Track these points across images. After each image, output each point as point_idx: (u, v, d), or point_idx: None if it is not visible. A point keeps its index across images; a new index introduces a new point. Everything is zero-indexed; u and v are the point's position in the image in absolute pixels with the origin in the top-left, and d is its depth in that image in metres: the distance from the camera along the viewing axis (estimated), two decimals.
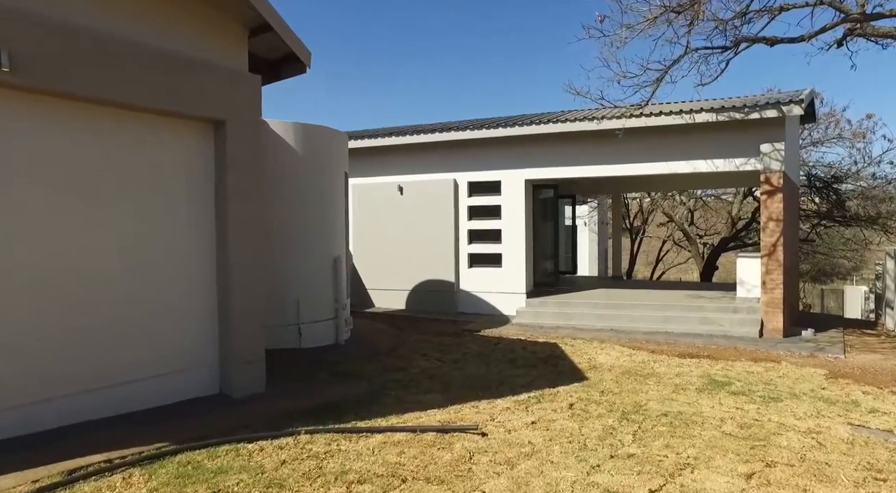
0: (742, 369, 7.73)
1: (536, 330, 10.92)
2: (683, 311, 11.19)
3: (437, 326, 11.45)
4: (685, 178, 14.92)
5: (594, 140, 11.69)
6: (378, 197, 13.58)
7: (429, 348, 9.09)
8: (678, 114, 10.73)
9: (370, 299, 13.71)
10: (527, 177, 12.37)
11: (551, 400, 6.04)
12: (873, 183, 14.66)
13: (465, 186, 12.90)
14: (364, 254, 13.79)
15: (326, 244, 8.96)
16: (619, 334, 10.47)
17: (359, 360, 8.01)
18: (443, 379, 6.98)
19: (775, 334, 10.44)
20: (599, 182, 16.13)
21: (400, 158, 13.42)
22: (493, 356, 8.44)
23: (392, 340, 9.73)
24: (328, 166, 9.03)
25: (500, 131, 12.03)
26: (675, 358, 8.47)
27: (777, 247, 10.50)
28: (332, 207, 9.12)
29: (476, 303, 12.78)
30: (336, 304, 9.06)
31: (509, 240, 12.54)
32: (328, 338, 8.96)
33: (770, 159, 10.52)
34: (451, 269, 12.87)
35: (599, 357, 8.42)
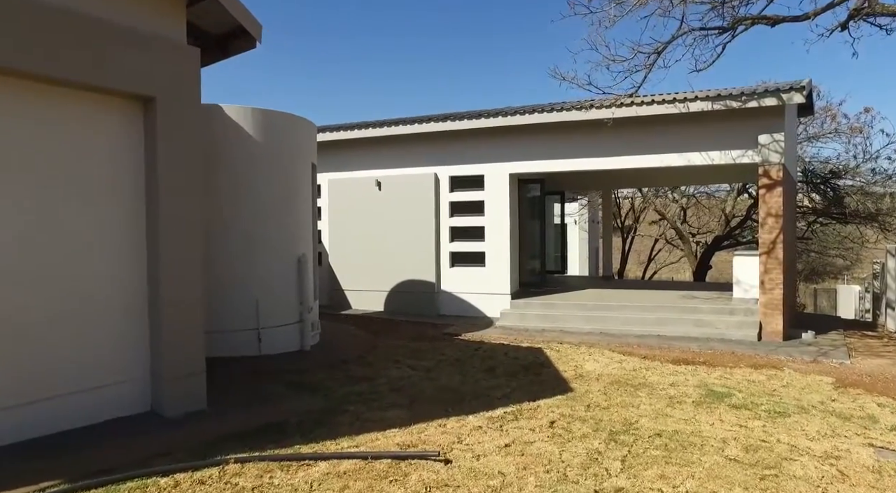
0: (742, 378, 7.05)
1: (521, 333, 10.21)
2: (677, 313, 10.52)
3: (415, 329, 10.72)
4: (679, 172, 14.27)
5: (582, 131, 11.00)
6: (355, 192, 12.83)
7: (402, 354, 8.36)
8: (671, 102, 10.05)
9: (347, 300, 12.96)
10: (511, 171, 11.65)
11: (530, 417, 5.32)
12: (872, 178, 14.09)
13: (447, 180, 12.17)
14: (340, 253, 13.03)
15: (290, 241, 8.20)
16: (609, 338, 9.78)
17: (323, 368, 7.26)
18: (411, 391, 6.25)
19: (774, 337, 9.79)
20: (588, 177, 15.47)
21: (378, 152, 12.67)
22: (471, 364, 7.72)
23: (363, 345, 8.98)
24: (292, 157, 8.27)
25: (483, 122, 11.31)
26: (668, 365, 7.79)
27: (776, 244, 9.85)
28: (297, 201, 8.36)
29: (458, 305, 12.06)
30: (301, 306, 8.30)
31: (493, 238, 11.83)
32: (292, 344, 8.20)
33: (769, 151, 9.87)
34: (432, 269, 12.14)
35: (587, 364, 7.72)
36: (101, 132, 4.85)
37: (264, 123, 7.81)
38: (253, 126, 7.69)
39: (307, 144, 8.76)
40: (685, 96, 10.01)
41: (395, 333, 10.29)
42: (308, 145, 8.76)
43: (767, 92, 9.54)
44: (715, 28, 8.26)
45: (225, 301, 7.57)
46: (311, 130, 9.00)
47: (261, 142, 7.76)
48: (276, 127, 7.98)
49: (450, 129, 11.60)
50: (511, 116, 11.12)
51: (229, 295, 7.60)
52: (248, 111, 7.64)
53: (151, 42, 4.94)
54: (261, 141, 7.76)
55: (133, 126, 5.03)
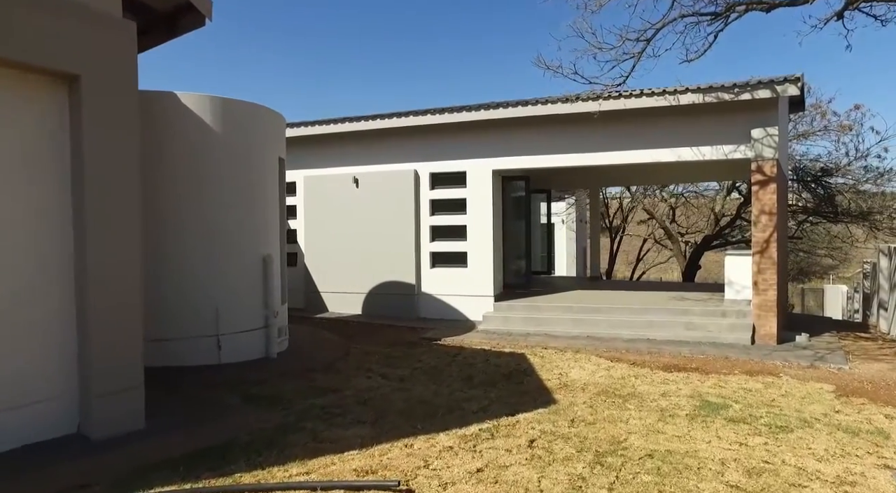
0: (738, 386, 6.57)
1: (503, 338, 9.69)
2: (667, 315, 10.06)
3: (392, 333, 10.15)
4: (669, 168, 13.83)
5: (568, 125, 10.51)
6: (332, 190, 12.23)
7: (375, 361, 7.79)
8: (661, 95, 9.59)
9: (323, 303, 12.36)
10: (495, 167, 11.13)
11: (508, 434, 4.79)
12: (864, 176, 13.76)
13: (427, 177, 11.62)
14: (316, 253, 12.43)
15: (254, 241, 7.61)
16: (597, 342, 9.29)
17: (287, 378, 6.68)
18: (379, 405, 5.69)
19: (768, 340, 9.35)
20: (575, 174, 15.00)
21: (355, 147, 12.09)
22: (448, 372, 7.17)
23: (335, 352, 8.40)
24: (256, 149, 7.67)
25: (465, 116, 10.77)
26: (659, 372, 7.30)
27: (770, 243, 9.42)
28: (262, 198, 7.76)
29: (439, 307, 11.51)
30: (266, 311, 7.71)
31: (476, 237, 11.30)
32: (256, 351, 7.60)
33: (762, 146, 9.44)
34: (412, 269, 11.58)
35: (572, 372, 7.20)
36: (16, 114, 4.24)
37: (225, 113, 7.21)
38: (212, 116, 7.09)
39: (274, 137, 8.17)
40: (675, 89, 9.54)
41: (371, 337, 9.72)
42: (275, 138, 8.17)
43: (761, 84, 9.10)
44: (707, 14, 7.79)
45: (181, 305, 6.96)
46: (279, 122, 8.41)
47: (220, 133, 7.16)
48: (238, 117, 7.39)
49: (430, 123, 11.05)
50: (494, 109, 10.60)
51: (185, 298, 6.99)
52: (205, 100, 7.03)
53: (74, 11, 4.33)
54: (220, 132, 7.16)
55: (56, 108, 4.42)
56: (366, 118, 11.52)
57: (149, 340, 6.64)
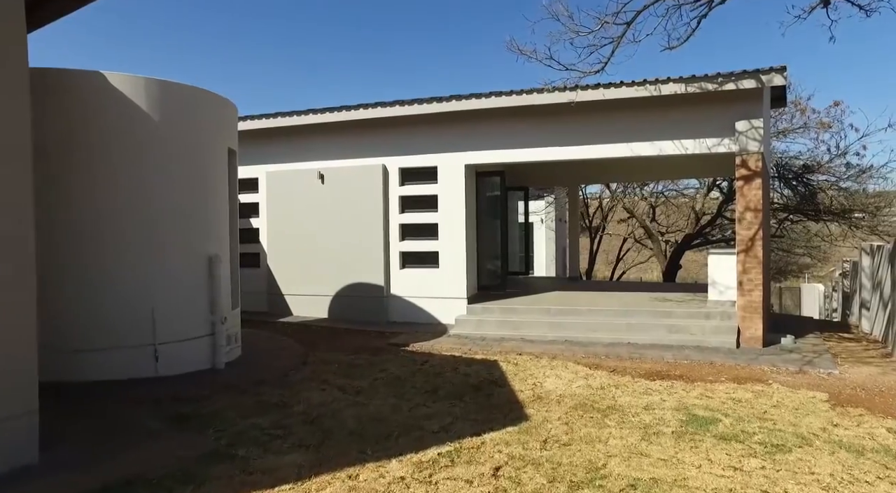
0: (726, 396, 6.05)
1: (476, 343, 9.08)
2: (649, 317, 9.55)
3: (358, 339, 9.48)
4: (650, 163, 13.39)
5: (544, 117, 9.95)
6: (296, 186, 11.51)
7: (334, 371, 7.12)
8: (641, 85, 9.08)
9: (287, 306, 11.62)
10: (467, 161, 10.52)
11: (470, 460, 4.16)
12: (846, 173, 13.47)
13: (397, 172, 10.97)
14: (280, 254, 11.69)
15: (198, 239, 6.88)
16: (575, 347, 8.73)
17: (230, 393, 5.97)
18: (328, 424, 5.02)
19: (754, 343, 8.89)
20: (553, 171, 14.50)
21: (321, 141, 11.38)
22: (412, 383, 6.53)
23: (292, 360, 7.70)
24: (201, 139, 6.95)
25: (435, 107, 10.15)
26: (641, 380, 6.75)
27: (755, 241, 8.96)
28: (208, 192, 7.04)
29: (409, 310, 10.86)
30: (213, 316, 6.98)
31: (448, 236, 10.68)
32: (201, 361, 6.88)
33: (747, 139, 8.98)
34: (380, 270, 10.91)
35: (548, 381, 6.61)
36: None
37: (163, 96, 6.47)
38: (147, 100, 6.34)
39: (223, 126, 7.45)
40: (657, 79, 9.04)
41: (335, 344, 9.03)
42: (224, 127, 7.45)
43: (746, 73, 8.64)
44: None
45: (110, 310, 6.21)
46: (229, 110, 7.68)
47: (157, 119, 6.42)
48: (178, 103, 6.66)
49: (399, 114, 10.40)
50: (466, 99, 9.99)
51: (116, 303, 6.23)
52: (139, 81, 6.29)
53: None
54: (157, 118, 6.41)
55: None
56: (331, 110, 10.82)
57: (68, 351, 5.91)
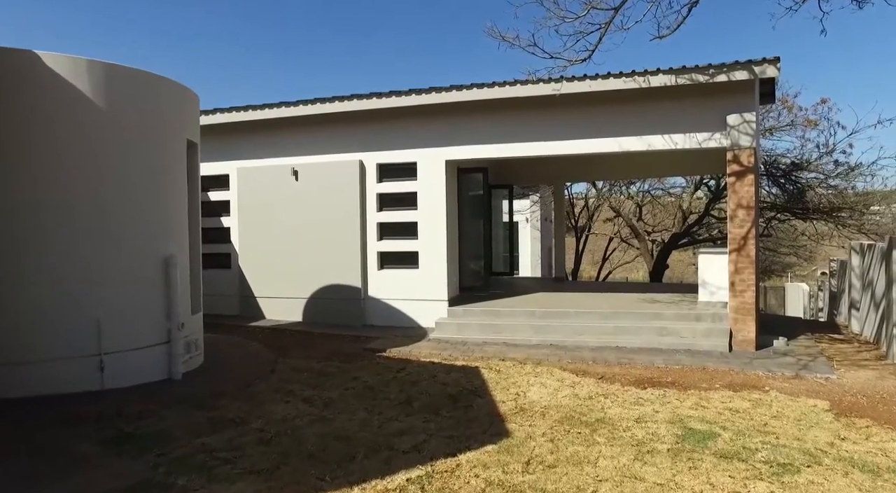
0: (722, 406, 5.63)
1: (457, 348, 8.59)
2: (637, 319, 9.14)
3: (332, 344, 8.94)
4: (637, 160, 13.05)
5: (527, 111, 9.50)
6: (269, 183, 10.93)
7: (302, 380, 6.59)
8: (630, 76, 8.66)
9: (260, 309, 11.04)
10: (448, 157, 10.03)
11: (443, 486, 3.67)
12: (835, 170, 13.21)
13: (374, 168, 10.45)
14: (252, 254, 11.11)
15: (151, 238, 6.31)
16: (560, 352, 8.28)
17: (182, 407, 5.42)
18: (286, 444, 4.50)
19: (747, 346, 8.52)
20: (538, 168, 14.05)
21: (295, 136, 10.82)
22: (386, 393, 6.03)
23: (258, 368, 7.16)
24: (155, 129, 6.38)
25: (414, 99, 9.64)
26: (631, 388, 6.31)
27: (748, 240, 8.59)
28: (162, 187, 6.47)
29: (388, 313, 10.34)
30: (169, 322, 6.42)
31: (428, 235, 10.18)
32: (155, 372, 6.31)
33: (738, 133, 8.60)
34: (357, 271, 10.38)
35: (532, 390, 6.15)
36: None
37: (108, 81, 5.89)
38: (90, 84, 5.76)
39: (181, 116, 6.88)
40: (646, 70, 8.63)
41: (307, 349, 8.49)
42: (182, 117, 6.88)
43: (738, 64, 8.26)
44: None
45: (49, 318, 5.62)
46: (188, 99, 7.12)
47: (103, 106, 5.84)
48: (128, 88, 6.09)
49: (376, 107, 9.88)
50: (446, 92, 9.50)
51: (56, 309, 5.65)
52: (80, 63, 5.71)
53: None
54: (103, 105, 5.84)
55: None
56: (304, 103, 10.26)
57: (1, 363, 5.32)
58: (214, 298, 11.33)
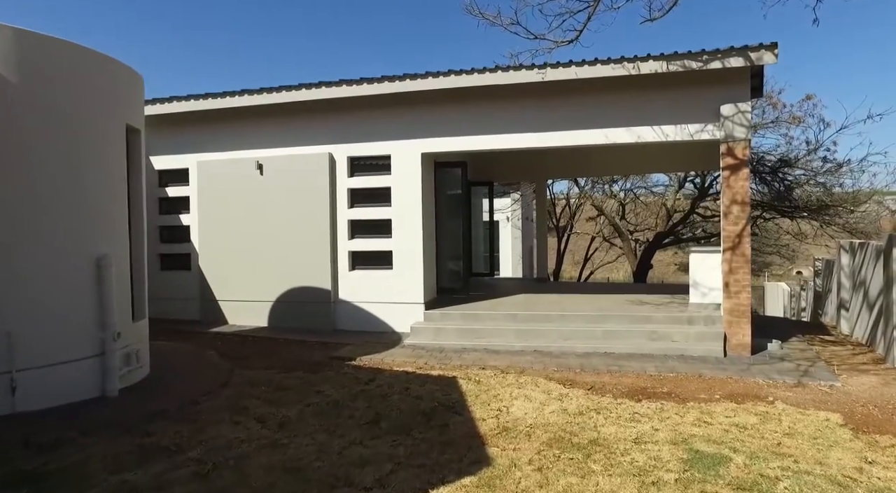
0: (727, 421, 5.04)
1: (433, 355, 7.92)
2: (626, 322, 8.57)
3: (297, 352, 8.20)
4: (626, 152, 12.52)
5: (509, 100, 8.87)
6: (231, 178, 10.12)
7: (258, 395, 5.84)
8: (618, 62, 8.09)
9: (222, 314, 10.21)
10: (424, 150, 9.35)
11: None
12: (823, 167, 12.86)
13: (345, 162, 9.71)
14: (214, 255, 10.28)
15: (78, 235, 5.50)
16: (545, 359, 7.66)
17: (109, 433, 4.64)
18: (227, 479, 3.77)
19: (741, 350, 8.00)
20: (518, 162, 13.46)
21: (259, 127, 10.03)
22: (352, 410, 5.32)
23: (209, 382, 6.38)
24: (82, 110, 5.58)
25: (387, 87, 8.94)
26: (624, 400, 5.70)
27: (743, 238, 8.08)
28: (94, 177, 5.67)
29: (360, 317, 9.62)
30: (103, 332, 5.62)
31: (403, 233, 9.48)
32: (84, 390, 5.49)
33: (733, 125, 8.08)
34: (327, 273, 9.63)
35: (515, 405, 5.50)
36: None
37: (20, 50, 5.07)
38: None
39: (119, 97, 6.08)
40: (636, 56, 8.06)
41: (269, 358, 7.73)
42: (117, 98, 6.07)
43: (733, 50, 7.73)
44: None
45: None
46: (129, 79, 6.31)
47: (13, 80, 5.03)
48: (45, 61, 5.27)
49: (346, 95, 9.15)
50: (422, 79, 8.82)
51: None
52: None
53: None
54: (13, 78, 5.02)
55: None
56: (268, 91, 9.48)
57: None
58: (173, 302, 10.50)
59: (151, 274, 10.65)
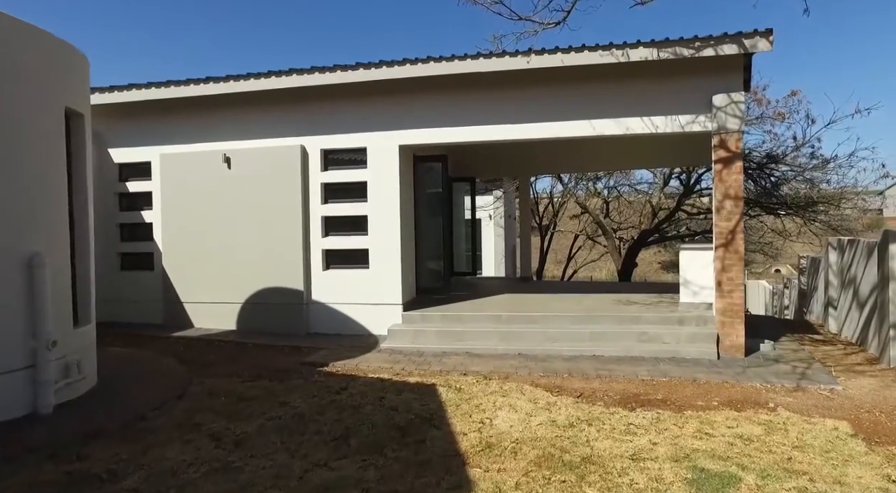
0: (730, 432, 4.62)
1: (412, 360, 7.40)
2: (615, 324, 8.15)
3: (266, 357, 7.62)
4: (612, 148, 12.14)
5: (491, 89, 8.38)
6: (197, 172, 9.48)
7: (216, 408, 5.27)
8: (607, 49, 7.65)
9: (187, 316, 9.57)
10: (402, 142, 8.82)
11: None
12: (810, 162, 12.64)
13: (318, 155, 9.14)
14: (178, 253, 9.63)
15: (5, 232, 4.88)
16: (530, 363, 7.20)
17: (35, 458, 4.04)
18: None
19: (735, 352, 7.63)
20: (501, 156, 12.97)
21: (227, 118, 9.41)
22: (319, 424, 4.79)
23: (164, 393, 5.78)
24: (11, 90, 4.95)
25: (362, 74, 8.39)
26: (617, 410, 5.25)
27: (737, 234, 7.70)
28: (24, 167, 5.04)
29: (334, 319, 9.06)
30: (35, 341, 4.99)
31: (380, 230, 8.95)
32: (13, 407, 4.87)
33: (726, 116, 7.69)
34: (299, 272, 9.06)
35: (500, 416, 5.02)
36: None
37: None
38: None
39: (57, 77, 5.45)
40: (625, 42, 7.63)
41: (234, 364, 7.15)
42: (55, 79, 5.45)
43: (727, 37, 7.33)
44: None
45: None
46: (71, 58, 5.68)
47: None
48: None
49: (319, 83, 8.57)
50: (399, 66, 8.29)
51: None
52: None
53: None
54: None
55: None
56: (235, 78, 8.86)
57: None
58: (134, 304, 9.84)
59: (110, 275, 10.01)
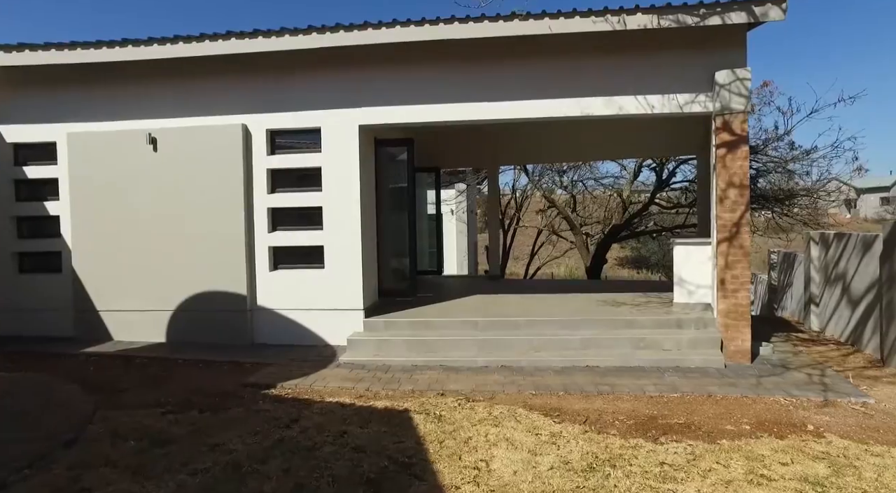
0: (789, 471, 3.69)
1: (378, 377, 6.23)
2: (607, 328, 7.21)
3: (199, 377, 6.28)
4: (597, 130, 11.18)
5: (466, 61, 7.29)
6: (115, 155, 7.97)
7: (118, 460, 3.96)
8: (601, 15, 6.66)
9: (105, 328, 8.05)
10: (362, 122, 7.60)
11: None
12: (789, 153, 12.17)
13: (264, 136, 7.80)
14: (93, 252, 8.09)
15: None
16: (517, 377, 6.16)
17: None
18: None
19: (741, 358, 6.83)
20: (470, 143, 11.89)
21: (152, 91, 7.94)
22: (259, 480, 3.57)
23: (47, 438, 4.40)
24: None
25: (315, 40, 7.11)
26: (637, 440, 4.26)
27: (742, 227, 6.88)
28: None
29: (284, 328, 7.76)
30: None
31: (337, 224, 7.70)
32: None
33: (730, 95, 6.85)
34: (242, 273, 7.71)
35: (496, 456, 3.93)
36: None
37: None
38: None
39: None
40: (621, 8, 6.66)
41: (157, 389, 5.79)
42: None
43: (734, 3, 6.48)
44: None
45: None
46: None
47: None
48: None
49: (263, 50, 7.22)
50: (359, 30, 7.05)
51: None
52: None
53: None
54: None
55: None
56: (161, 41, 7.41)
57: None
58: (36, 313, 8.24)
59: (5, 279, 8.35)
